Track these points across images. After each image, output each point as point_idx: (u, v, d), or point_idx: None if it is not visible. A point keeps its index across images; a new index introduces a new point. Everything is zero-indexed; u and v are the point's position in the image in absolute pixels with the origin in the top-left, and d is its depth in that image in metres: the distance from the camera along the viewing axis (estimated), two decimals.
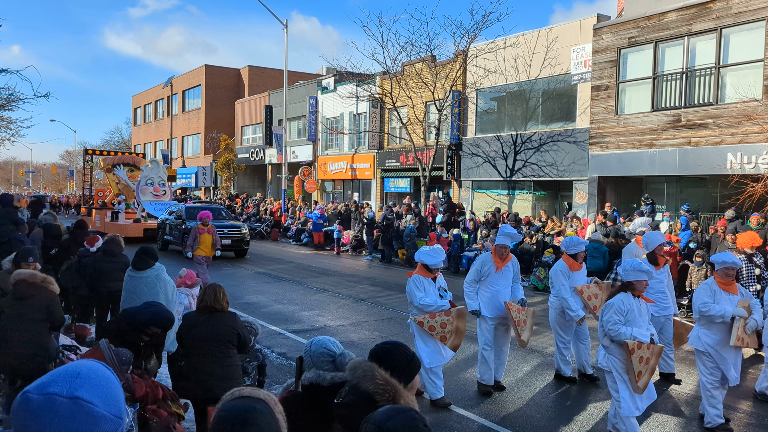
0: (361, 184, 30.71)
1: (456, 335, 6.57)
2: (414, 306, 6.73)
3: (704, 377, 6.18)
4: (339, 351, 3.00)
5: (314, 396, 2.93)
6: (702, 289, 6.24)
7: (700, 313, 6.15)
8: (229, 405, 1.75)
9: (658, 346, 5.46)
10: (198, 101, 46.82)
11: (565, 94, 20.46)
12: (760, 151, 14.62)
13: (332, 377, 2.92)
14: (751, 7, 15.00)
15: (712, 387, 6.11)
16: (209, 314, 4.87)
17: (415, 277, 6.77)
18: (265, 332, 9.94)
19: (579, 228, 16.26)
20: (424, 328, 6.57)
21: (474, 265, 7.45)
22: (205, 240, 13.11)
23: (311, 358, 3.01)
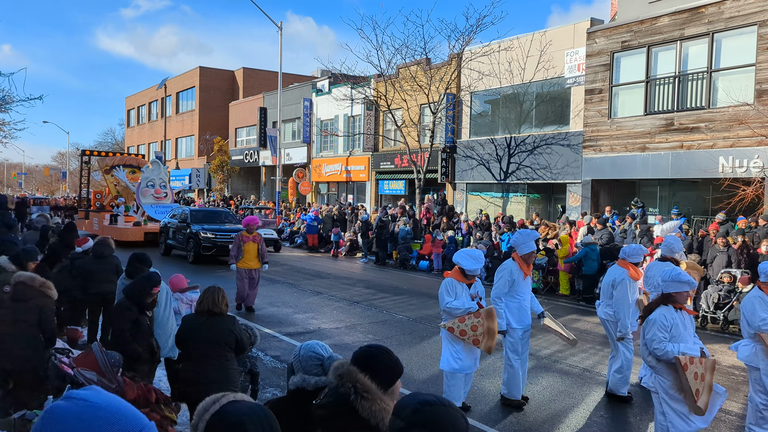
0: (356, 186, 30.72)
1: (489, 337, 6.21)
2: (442, 310, 6.40)
3: (758, 397, 5.80)
4: (327, 354, 3.01)
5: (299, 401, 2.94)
6: (755, 302, 5.77)
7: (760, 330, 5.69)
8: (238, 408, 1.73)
9: (710, 360, 4.96)
10: (192, 103, 46.74)
11: (559, 97, 20.55)
12: (752, 155, 14.72)
13: (316, 381, 2.93)
14: (742, 12, 15.11)
15: (764, 408, 5.75)
16: (208, 317, 4.88)
17: (449, 281, 6.37)
18: (260, 335, 9.94)
19: (573, 231, 16.32)
20: (455, 333, 6.24)
21: (502, 276, 6.84)
22: (249, 250, 11.54)
23: (300, 362, 3.02)
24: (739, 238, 12.68)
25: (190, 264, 18.13)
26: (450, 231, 18.99)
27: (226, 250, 18.38)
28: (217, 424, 1.69)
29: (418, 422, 1.77)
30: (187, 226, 19.03)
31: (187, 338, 4.89)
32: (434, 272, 18.58)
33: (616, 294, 7.14)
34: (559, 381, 7.87)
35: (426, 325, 10.96)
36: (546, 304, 13.47)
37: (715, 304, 11.51)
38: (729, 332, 11.13)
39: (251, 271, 11.54)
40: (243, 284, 11.51)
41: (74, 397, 1.36)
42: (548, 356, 8.98)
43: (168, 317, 5.83)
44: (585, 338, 10.38)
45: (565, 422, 6.46)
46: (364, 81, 27.73)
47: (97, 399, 1.37)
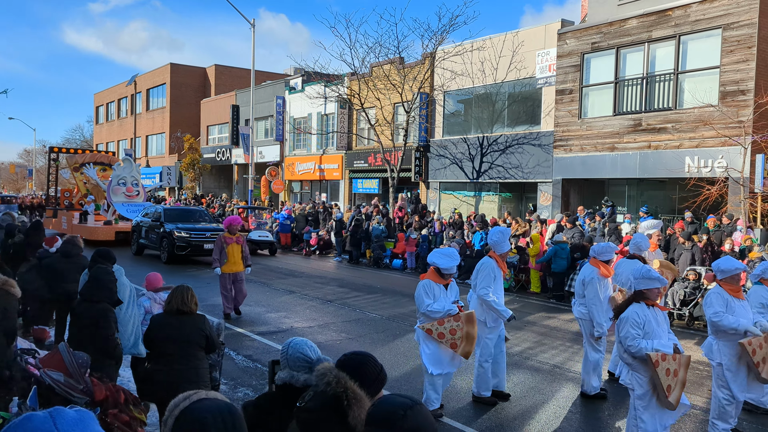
0: (329, 185, 30.65)
1: (467, 341, 6.19)
2: (421, 312, 6.32)
3: (721, 392, 5.96)
4: (315, 357, 3.03)
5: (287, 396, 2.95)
6: (713, 298, 5.95)
7: (712, 323, 5.90)
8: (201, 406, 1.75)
9: (685, 356, 5.06)
10: (163, 100, 46.11)
11: (531, 97, 20.79)
12: (716, 155, 15.09)
13: (306, 379, 2.94)
14: (707, 16, 15.47)
15: (727, 403, 5.94)
16: (177, 316, 4.84)
17: (426, 282, 6.30)
18: (231, 334, 9.87)
19: (544, 229, 16.53)
20: (432, 335, 6.18)
21: (486, 272, 6.83)
22: (232, 252, 10.98)
23: (287, 360, 3.03)
24: (704, 237, 13.00)
25: (164, 264, 17.90)
26: (424, 230, 19.09)
27: (200, 249, 18.19)
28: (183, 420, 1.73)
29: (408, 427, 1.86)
30: (161, 225, 18.71)
31: (157, 338, 4.84)
32: (408, 271, 18.65)
33: (587, 293, 7.26)
34: (530, 377, 7.98)
35: (399, 323, 11.00)
36: (517, 301, 13.64)
37: (681, 300, 11.78)
38: (694, 328, 11.41)
39: (235, 274, 11.05)
40: (227, 290, 11.04)
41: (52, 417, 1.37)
42: (519, 353, 9.10)
43: (131, 315, 5.76)
44: (555, 335, 10.54)
45: (536, 418, 6.55)
46: (338, 79, 27.68)
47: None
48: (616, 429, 6.28)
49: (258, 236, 21.34)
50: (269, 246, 21.71)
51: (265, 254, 21.48)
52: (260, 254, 21.24)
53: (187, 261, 18.53)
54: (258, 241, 21.20)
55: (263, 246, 21.60)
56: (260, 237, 21.41)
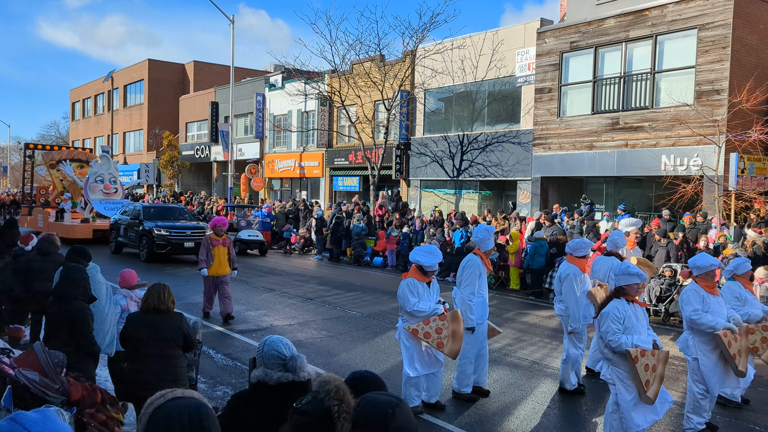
0: (310, 183, 30.56)
1: (454, 340, 6.19)
2: (406, 312, 6.27)
3: (696, 387, 6.08)
4: (290, 354, 3.03)
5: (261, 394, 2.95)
6: (690, 294, 6.06)
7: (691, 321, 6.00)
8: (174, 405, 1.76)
9: (663, 352, 5.13)
10: (140, 96, 45.56)
11: (510, 95, 20.92)
12: (692, 154, 15.33)
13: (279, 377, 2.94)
14: (683, 16, 15.70)
15: (701, 397, 6.06)
16: (154, 315, 4.79)
17: (410, 281, 6.26)
18: (210, 333, 9.81)
19: (523, 227, 16.66)
20: (418, 335, 6.15)
21: (472, 271, 6.84)
22: (219, 254, 10.64)
23: (262, 358, 3.03)
24: (679, 234, 13.21)
25: (143, 262, 17.71)
26: (404, 227, 19.12)
27: (180, 247, 18.00)
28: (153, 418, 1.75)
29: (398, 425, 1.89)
30: (140, 224, 18.46)
31: (133, 337, 4.79)
32: (388, 269, 18.68)
33: (564, 290, 7.35)
34: (510, 374, 8.04)
35: (379, 320, 11.02)
36: (497, 298, 13.73)
37: (657, 297, 11.96)
38: (670, 324, 11.59)
39: (220, 277, 10.66)
40: (210, 292, 10.77)
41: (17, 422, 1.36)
42: (498, 350, 9.16)
43: (108, 313, 5.70)
44: (534, 332, 10.64)
45: (515, 414, 6.61)
46: (318, 76, 27.59)
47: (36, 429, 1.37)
48: (594, 424, 6.36)
49: (248, 236, 20.87)
50: (259, 246, 21.18)
51: (254, 254, 21.01)
52: (249, 254, 20.85)
53: (166, 259, 18.35)
54: (248, 240, 20.77)
55: (253, 246, 21.09)
56: (250, 237, 20.93)
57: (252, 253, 21.12)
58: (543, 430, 6.19)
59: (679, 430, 6.22)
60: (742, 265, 7.12)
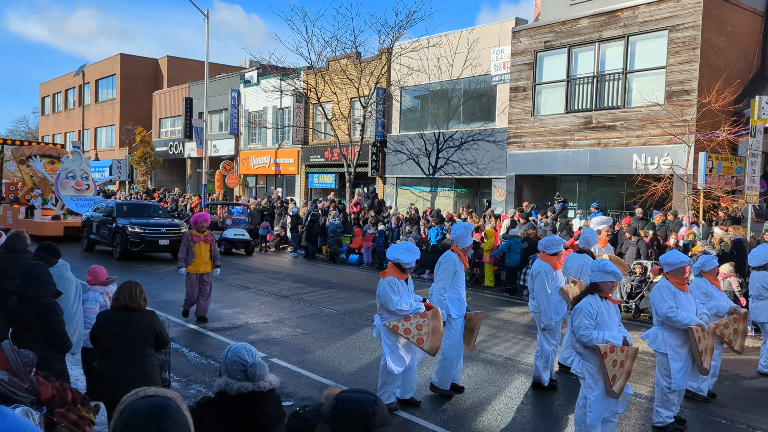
0: (285, 180, 30.41)
1: (434, 336, 6.23)
2: (387, 311, 6.27)
3: (664, 381, 6.22)
4: (251, 361, 2.98)
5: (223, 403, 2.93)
6: (662, 291, 6.19)
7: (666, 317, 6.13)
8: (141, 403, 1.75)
9: (632, 348, 5.26)
10: (112, 91, 44.83)
11: (485, 94, 21.07)
12: (662, 153, 15.62)
13: (239, 387, 2.91)
14: (655, 17, 15.98)
15: (669, 391, 6.19)
16: (125, 313, 4.73)
17: (390, 279, 6.24)
18: (184, 331, 9.72)
19: (498, 224, 16.81)
20: (399, 331, 6.19)
21: (447, 267, 6.94)
22: (200, 252, 10.28)
23: (225, 365, 3.00)
24: (650, 232, 13.46)
25: (117, 260, 17.45)
26: (380, 225, 19.15)
27: (155, 245, 17.74)
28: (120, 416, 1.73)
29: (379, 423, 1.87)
30: (113, 221, 18.10)
31: (104, 335, 4.72)
32: (364, 266, 18.69)
33: (536, 287, 7.46)
34: (484, 370, 8.12)
35: (355, 318, 11.03)
36: (471, 295, 13.82)
37: (627, 293, 12.18)
38: (640, 320, 11.81)
39: (202, 275, 10.33)
40: (192, 290, 10.34)
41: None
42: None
43: (76, 311, 5.61)
44: (508, 328, 10.76)
45: (489, 410, 6.68)
46: (294, 73, 27.45)
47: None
48: (566, 419, 6.46)
49: (234, 235, 20.22)
50: (245, 245, 20.50)
51: (240, 254, 20.46)
52: (235, 253, 20.34)
53: (140, 257, 18.10)
54: (234, 240, 20.17)
55: (239, 245, 20.44)
56: (236, 236, 20.24)
57: (238, 252, 20.57)
58: (516, 425, 6.27)
59: (649, 424, 6.35)
60: (709, 261, 7.31)
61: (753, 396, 7.56)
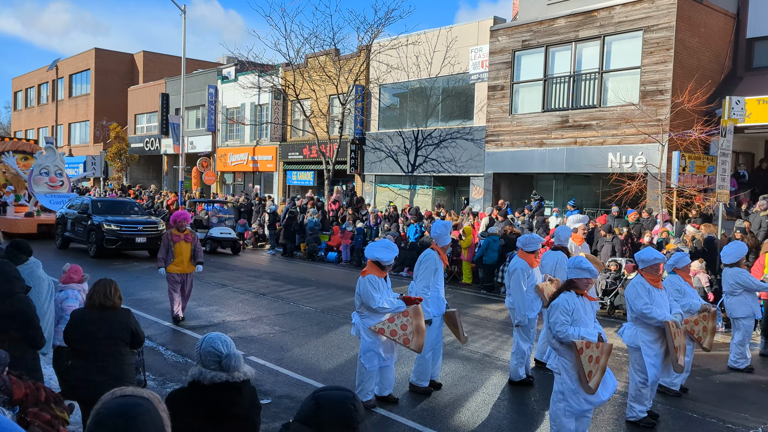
0: (263, 177, 30.23)
1: (418, 335, 6.29)
2: (369, 309, 6.27)
3: (638, 376, 6.33)
4: (226, 352, 2.97)
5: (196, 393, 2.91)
6: (637, 288, 6.29)
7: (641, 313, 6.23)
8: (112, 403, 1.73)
9: (607, 344, 5.32)
10: (87, 86, 44.10)
11: (464, 92, 21.17)
12: (636, 152, 15.85)
13: (212, 377, 2.90)
14: (630, 18, 16.20)
15: (642, 386, 6.30)
16: (100, 312, 4.67)
17: (370, 278, 6.25)
18: (160, 329, 9.63)
19: (476, 222, 16.91)
20: (385, 334, 6.24)
21: (428, 265, 6.96)
22: (181, 251, 9.94)
23: (200, 355, 2.98)
24: (624, 229, 13.66)
25: (92, 258, 17.19)
26: (359, 222, 19.14)
27: (132, 242, 17.51)
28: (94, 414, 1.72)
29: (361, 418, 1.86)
30: (88, 218, 17.83)
31: (78, 334, 4.66)
32: (343, 264, 18.67)
33: (512, 283, 7.53)
34: (462, 367, 8.18)
35: (333, 315, 11.02)
36: (449, 292, 13.90)
37: (603, 290, 12.35)
38: (614, 316, 11.99)
39: (184, 275, 10.03)
40: (176, 293, 10.02)
41: None
42: (450, 343, 9.29)
43: (47, 310, 5.52)
44: (485, 325, 10.84)
45: (466, 406, 6.73)
46: (272, 69, 27.29)
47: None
48: (542, 414, 6.54)
49: (220, 233, 19.75)
50: (232, 244, 20.01)
51: (227, 253, 19.94)
52: (221, 252, 19.84)
53: (116, 255, 17.85)
54: (220, 238, 19.73)
55: (225, 244, 19.95)
56: (222, 234, 19.77)
57: (224, 252, 20.06)
58: (493, 421, 6.33)
59: (623, 418, 6.46)
60: (682, 259, 7.45)
61: (724, 390, 7.73)
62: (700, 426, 6.39)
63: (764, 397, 7.50)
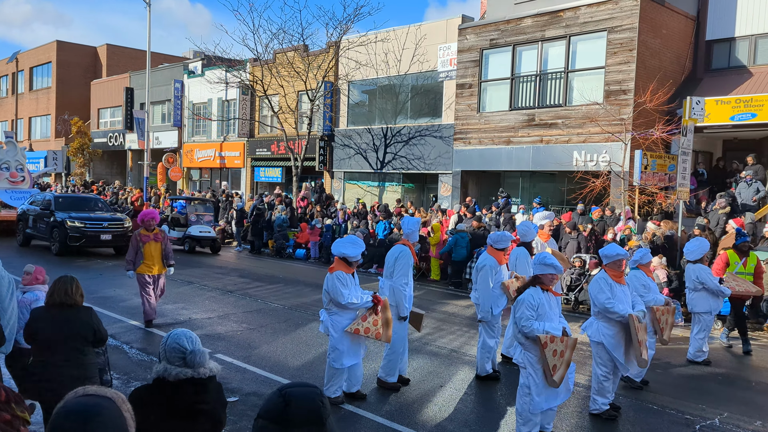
0: (231, 173, 29.90)
1: (387, 327, 6.42)
2: (338, 305, 6.31)
3: (599, 369, 6.46)
4: (191, 348, 2.94)
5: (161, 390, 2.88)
6: (600, 284, 6.45)
7: (604, 308, 6.35)
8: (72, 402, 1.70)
9: (571, 339, 5.42)
10: (48, 80, 42.97)
11: (432, 90, 21.27)
12: (600, 150, 16.16)
13: (177, 373, 2.87)
14: (595, 18, 16.49)
15: (605, 379, 6.43)
16: (60, 310, 4.57)
17: (339, 274, 6.28)
18: (124, 327, 9.48)
19: (444, 219, 17.04)
20: (360, 333, 6.33)
21: (404, 261, 6.99)
22: (151, 252, 9.51)
23: (165, 351, 2.95)
24: (588, 226, 13.93)
25: (55, 256, 16.78)
26: (328, 219, 19.10)
27: (96, 240, 17.12)
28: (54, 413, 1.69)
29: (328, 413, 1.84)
30: (51, 214, 17.36)
31: (39, 333, 4.55)
32: (311, 261, 18.61)
33: (479, 279, 7.62)
34: (429, 362, 8.25)
35: (301, 312, 10.99)
36: (418, 288, 13.98)
37: (567, 286, 12.58)
38: (579, 311, 12.23)
39: (155, 276, 9.61)
40: (149, 297, 9.55)
41: None
42: (419, 339, 9.37)
43: (8, 308, 5.39)
44: (453, 321, 10.95)
45: (434, 401, 6.80)
46: (240, 64, 27.00)
47: None
48: (508, 408, 6.64)
49: (199, 232, 19.04)
50: (211, 243, 19.30)
51: (206, 252, 19.28)
52: (200, 252, 19.21)
53: (79, 252, 17.46)
54: (199, 237, 19.05)
55: (205, 243, 19.28)
56: (201, 233, 19.03)
57: (202, 251, 19.42)
58: (460, 415, 6.41)
59: (586, 411, 6.60)
60: (646, 255, 7.66)
61: (683, 383, 7.96)
62: (660, 417, 6.57)
63: (721, 389, 7.75)
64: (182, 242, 19.07)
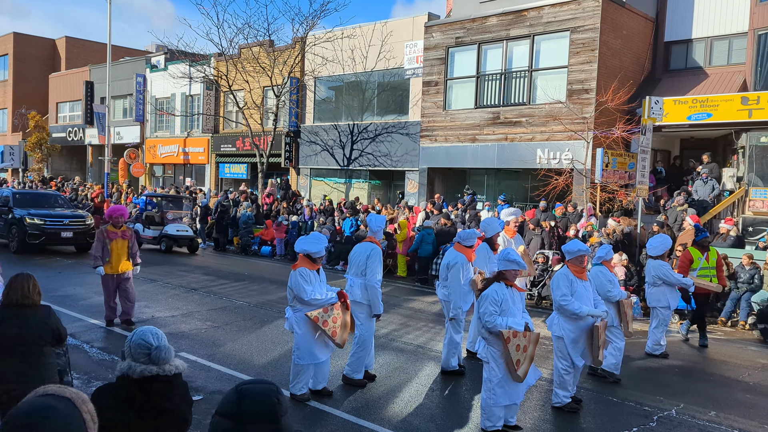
0: (195, 169, 29.47)
1: (344, 330, 6.41)
2: (301, 302, 6.28)
3: (560, 363, 6.56)
4: (156, 344, 2.90)
5: (125, 387, 2.84)
6: (560, 280, 6.50)
7: (560, 305, 6.44)
8: (25, 403, 1.65)
9: (534, 333, 5.49)
10: (4, 72, 41.65)
11: (399, 87, 21.33)
12: (563, 148, 16.46)
13: (142, 370, 2.83)
14: (558, 18, 16.76)
15: (566, 372, 6.54)
16: (17, 310, 4.44)
17: (302, 270, 6.27)
18: (85, 326, 9.27)
19: (411, 216, 17.12)
20: (318, 322, 6.25)
21: (377, 260, 7.01)
22: (117, 249, 9.21)
23: (130, 348, 2.91)
24: (551, 223, 14.18)
25: (14, 254, 16.28)
26: (294, 216, 18.99)
27: (57, 237, 16.63)
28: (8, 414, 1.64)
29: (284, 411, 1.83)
30: (9, 211, 16.82)
31: None
32: (277, 258, 18.49)
33: (451, 276, 7.67)
34: (395, 358, 8.29)
35: (267, 310, 10.92)
36: (385, 285, 14.00)
37: (530, 281, 12.77)
38: (542, 307, 12.44)
39: (120, 275, 9.29)
40: (109, 294, 9.35)
41: None
42: (385, 335, 9.41)
43: None
44: (419, 317, 11.02)
45: (400, 396, 6.84)
46: (204, 59, 26.61)
47: None
48: (473, 402, 6.73)
49: (176, 231, 18.32)
50: (189, 242, 18.63)
51: (183, 252, 18.61)
52: (177, 252, 18.56)
53: (39, 250, 16.98)
54: (176, 237, 18.34)
55: (182, 242, 18.56)
56: (179, 232, 18.33)
57: (180, 251, 18.74)
58: (426, 410, 6.47)
59: (548, 404, 6.73)
60: (609, 251, 7.83)
61: (641, 375, 8.18)
62: (619, 409, 6.74)
63: (678, 381, 8.00)
64: (158, 242, 18.56)
